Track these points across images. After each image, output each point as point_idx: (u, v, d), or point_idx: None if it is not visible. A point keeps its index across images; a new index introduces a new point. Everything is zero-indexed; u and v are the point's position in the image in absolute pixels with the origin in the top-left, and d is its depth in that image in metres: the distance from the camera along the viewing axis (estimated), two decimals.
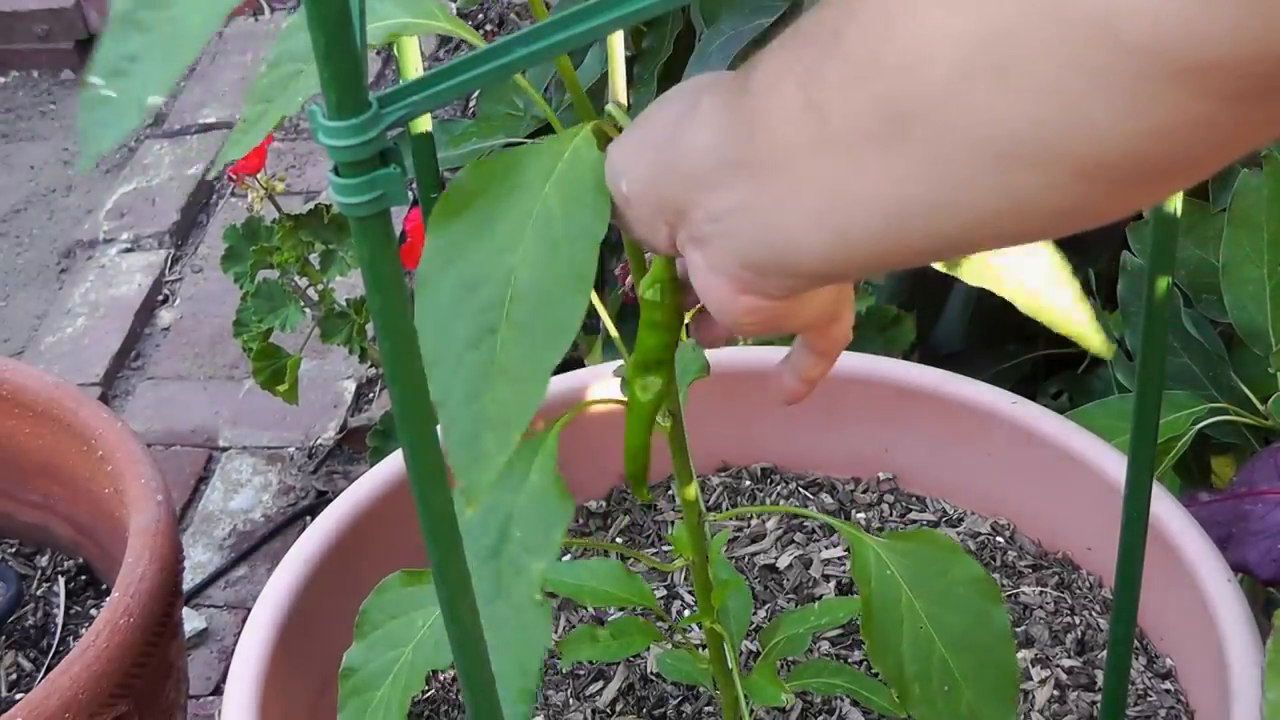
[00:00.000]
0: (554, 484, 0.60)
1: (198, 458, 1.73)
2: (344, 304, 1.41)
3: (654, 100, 0.54)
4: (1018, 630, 1.01)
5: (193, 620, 1.51)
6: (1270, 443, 1.03)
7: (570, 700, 0.99)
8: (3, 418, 1.21)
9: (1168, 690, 0.96)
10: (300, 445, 1.73)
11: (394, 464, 1.04)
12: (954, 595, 0.72)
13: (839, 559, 1.07)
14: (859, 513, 1.10)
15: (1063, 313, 0.66)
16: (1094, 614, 1.02)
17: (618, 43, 0.62)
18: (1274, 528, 0.94)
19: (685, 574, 1.06)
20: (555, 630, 1.04)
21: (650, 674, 0.99)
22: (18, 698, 1.10)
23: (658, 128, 0.53)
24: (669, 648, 0.91)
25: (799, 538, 1.09)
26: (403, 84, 0.44)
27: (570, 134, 0.53)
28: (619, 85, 0.62)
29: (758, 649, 0.95)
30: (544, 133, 0.50)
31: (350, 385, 1.79)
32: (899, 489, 1.12)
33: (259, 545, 1.61)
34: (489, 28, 2.37)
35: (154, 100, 0.43)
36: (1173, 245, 0.71)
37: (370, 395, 1.79)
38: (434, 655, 0.72)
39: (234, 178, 1.43)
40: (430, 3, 0.59)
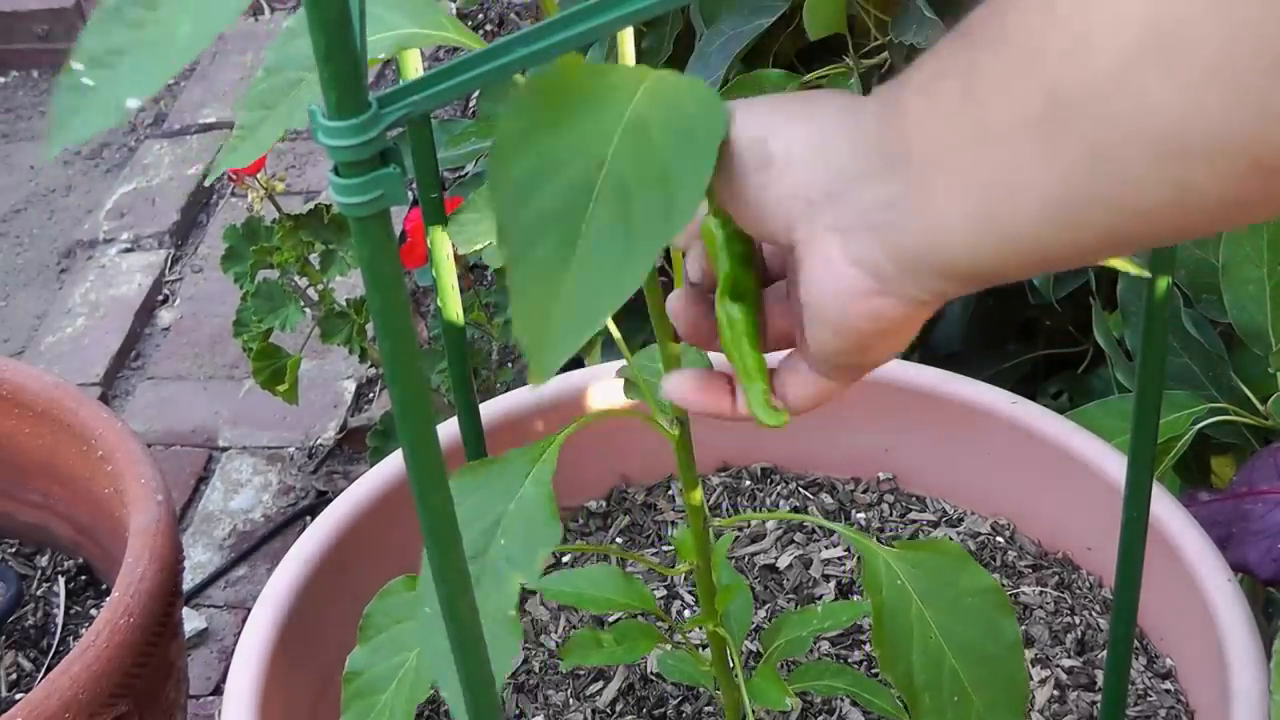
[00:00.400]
0: (546, 501, 0.59)
1: (198, 458, 1.73)
2: (344, 304, 1.42)
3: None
4: None
5: (193, 620, 1.51)
6: (1270, 443, 1.03)
7: (570, 700, 0.99)
8: (3, 418, 1.21)
9: (1168, 690, 0.96)
10: (300, 445, 1.73)
11: (394, 464, 1.04)
12: (964, 605, 0.72)
13: (839, 559, 1.07)
14: (859, 513, 1.10)
15: None
16: (1094, 614, 1.02)
17: (628, 40, 0.62)
18: (1274, 528, 0.94)
19: (685, 574, 1.06)
20: (555, 631, 1.04)
21: (650, 674, 0.99)
22: (18, 698, 1.10)
23: (822, 104, 0.51)
24: (669, 649, 0.91)
25: (799, 538, 1.09)
26: (403, 84, 0.44)
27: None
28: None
29: (758, 649, 0.95)
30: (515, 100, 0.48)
31: (350, 385, 1.79)
32: (899, 489, 1.12)
33: (259, 545, 1.61)
34: (489, 28, 2.37)
35: (133, 103, 0.42)
36: (1173, 245, 0.71)
37: (370, 395, 1.79)
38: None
39: (234, 178, 1.43)
40: (438, 13, 0.58)
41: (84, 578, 1.25)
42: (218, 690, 1.46)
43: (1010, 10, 0.42)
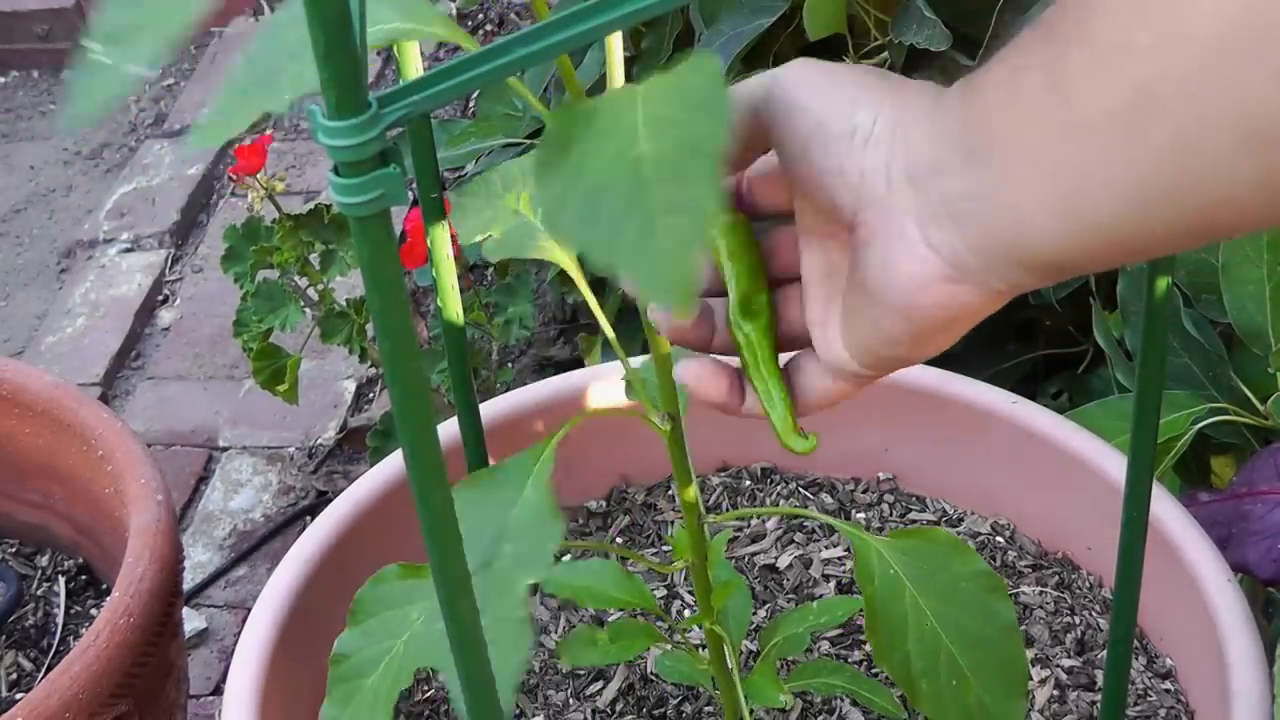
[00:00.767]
0: (547, 500, 0.59)
1: (198, 458, 1.73)
2: (344, 304, 1.42)
3: None
4: None
5: (193, 620, 1.51)
6: (1270, 443, 1.03)
7: (570, 700, 0.99)
8: (3, 418, 1.21)
9: (1168, 690, 0.96)
10: (300, 445, 1.73)
11: (394, 464, 1.04)
12: (958, 590, 0.72)
13: (839, 559, 1.07)
14: (859, 513, 1.10)
15: None
16: (1094, 614, 1.02)
17: (617, 43, 0.62)
18: (1274, 528, 0.94)
19: (685, 573, 1.06)
20: (555, 630, 1.04)
21: (650, 674, 0.99)
22: (18, 698, 1.10)
23: (904, 86, 0.51)
24: (668, 648, 0.91)
25: (799, 537, 1.09)
26: (403, 84, 0.44)
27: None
28: (618, 86, 0.62)
29: (757, 649, 0.95)
30: (543, 133, 0.48)
31: (350, 385, 1.79)
32: (899, 489, 1.12)
33: (259, 545, 1.61)
34: (489, 28, 2.37)
35: (136, 70, 0.42)
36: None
37: (370, 395, 1.79)
38: (427, 651, 0.71)
39: (234, 178, 1.43)
40: (428, 9, 0.58)
41: (84, 578, 1.25)
42: (218, 690, 1.46)
43: (1094, 5, 0.42)
